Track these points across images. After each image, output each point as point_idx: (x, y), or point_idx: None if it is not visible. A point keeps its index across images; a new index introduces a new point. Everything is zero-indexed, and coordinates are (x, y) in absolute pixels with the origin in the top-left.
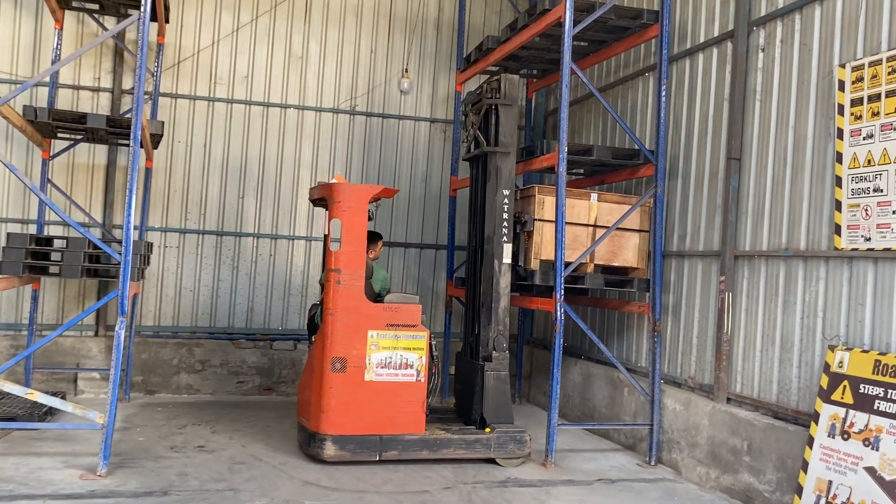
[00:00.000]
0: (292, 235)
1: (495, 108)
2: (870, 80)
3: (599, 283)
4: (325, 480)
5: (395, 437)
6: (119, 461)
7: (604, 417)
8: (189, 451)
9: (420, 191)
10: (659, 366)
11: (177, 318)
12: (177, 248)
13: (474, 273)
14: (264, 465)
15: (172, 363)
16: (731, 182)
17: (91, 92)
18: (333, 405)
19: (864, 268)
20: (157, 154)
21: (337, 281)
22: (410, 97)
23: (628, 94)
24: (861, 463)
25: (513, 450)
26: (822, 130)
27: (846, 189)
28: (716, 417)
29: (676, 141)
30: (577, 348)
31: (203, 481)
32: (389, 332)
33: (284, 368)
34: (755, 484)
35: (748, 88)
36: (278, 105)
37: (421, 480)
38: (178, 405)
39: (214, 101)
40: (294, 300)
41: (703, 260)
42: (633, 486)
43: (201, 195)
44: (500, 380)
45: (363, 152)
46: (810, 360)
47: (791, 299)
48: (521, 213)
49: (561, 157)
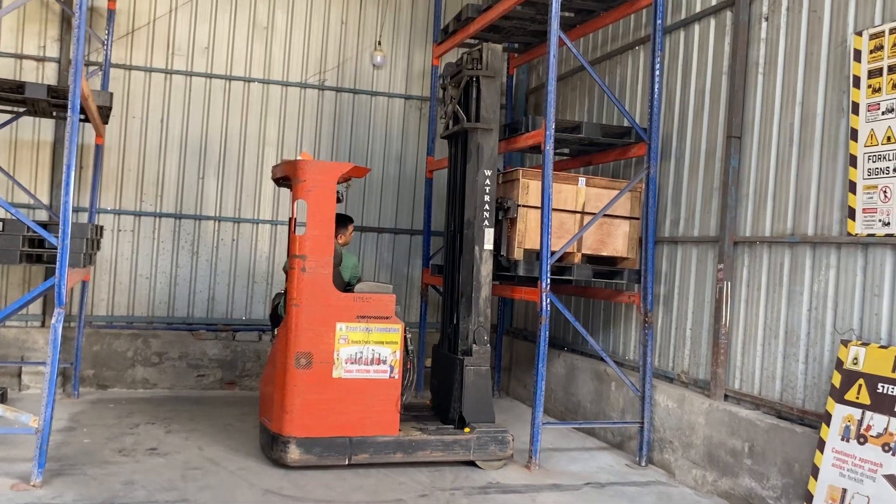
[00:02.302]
0: (256, 219)
1: (476, 80)
2: (890, 49)
3: (587, 275)
4: (288, 489)
5: (367, 440)
6: (58, 468)
7: (589, 413)
8: (139, 454)
9: (394, 172)
10: (650, 359)
11: (132, 307)
12: (131, 232)
13: (453, 260)
14: (222, 470)
15: (127, 356)
16: (731, 162)
17: (36, 62)
18: (298, 405)
19: (882, 255)
20: (109, 130)
21: (302, 268)
22: (384, 72)
23: (616, 69)
24: (880, 470)
25: (494, 451)
26: (833, 105)
27: (861, 169)
28: (713, 416)
29: (670, 119)
30: (561, 339)
31: (151, 491)
32: (360, 324)
33: (248, 361)
34: (757, 489)
35: (750, 61)
36: (241, 79)
37: (395, 487)
38: (132, 401)
39: (172, 74)
40: (259, 288)
41: (699, 246)
42: (625, 491)
43: (158, 175)
44: (481, 375)
45: (333, 131)
46: (818, 356)
47: (797, 289)
48: (504, 199)
49: (548, 135)
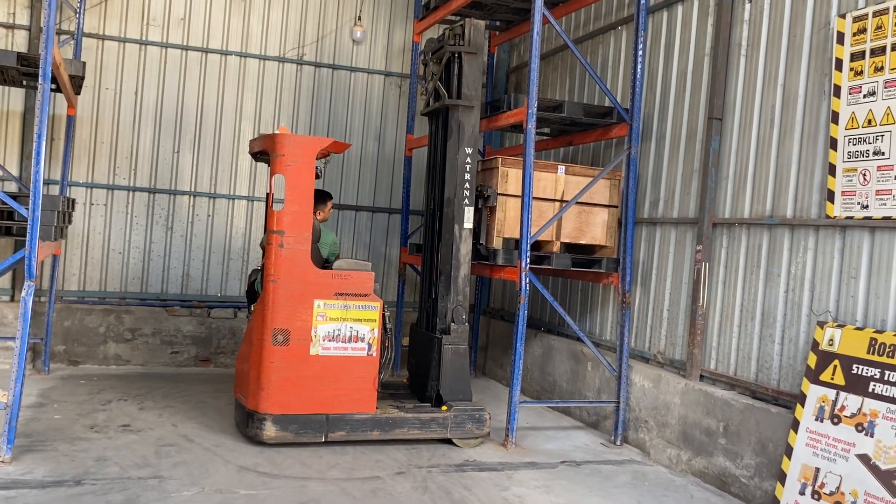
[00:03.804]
0: (232, 195)
1: (458, 56)
2: (874, 32)
3: (566, 264)
4: (264, 465)
5: (344, 417)
6: (28, 444)
7: (565, 393)
8: (111, 431)
9: (373, 150)
10: (627, 340)
11: (104, 282)
12: (104, 206)
13: (432, 239)
14: (196, 447)
15: (99, 331)
16: (712, 144)
17: (5, 29)
18: (274, 381)
19: (860, 238)
20: (81, 101)
21: (279, 244)
22: (363, 47)
23: (599, 49)
24: (853, 450)
25: (471, 429)
26: (815, 88)
27: (842, 152)
28: (689, 396)
29: (651, 100)
30: (538, 320)
31: (124, 467)
32: (338, 301)
33: (223, 338)
34: (731, 468)
35: (732, 42)
36: (218, 51)
37: (371, 465)
38: (105, 377)
39: (147, 45)
40: (234, 265)
41: (678, 228)
42: (601, 470)
43: (132, 148)
44: (459, 354)
45: (311, 106)
46: (794, 337)
47: (774, 271)
48: (484, 186)
49: (530, 113)
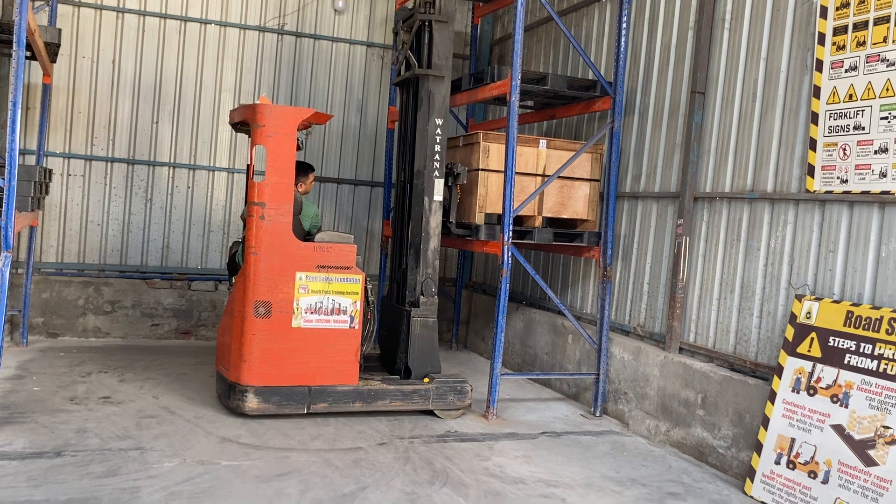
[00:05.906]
0: (212, 166)
1: (429, 25)
2: (856, 6)
3: (548, 238)
4: (246, 437)
5: (326, 389)
6: (7, 416)
7: (545, 365)
8: (92, 402)
9: (355, 122)
10: (608, 313)
11: (83, 254)
12: (82, 177)
13: (402, 212)
14: (178, 419)
15: (78, 304)
16: (694, 118)
17: None
18: (256, 353)
19: (839, 212)
20: (57, 70)
21: (261, 216)
22: (345, 17)
23: (583, 22)
24: (828, 420)
25: (452, 401)
26: (797, 62)
27: (823, 126)
28: (668, 368)
29: (635, 74)
30: (520, 294)
31: (105, 439)
32: (320, 274)
33: (204, 311)
34: (709, 439)
35: (716, 16)
36: (197, 20)
37: (353, 436)
38: (84, 350)
39: (124, 13)
40: (215, 237)
41: (659, 202)
42: (580, 440)
43: (110, 118)
44: (428, 327)
45: (292, 77)
46: (773, 310)
47: (754, 244)
48: (453, 164)
49: (514, 85)
